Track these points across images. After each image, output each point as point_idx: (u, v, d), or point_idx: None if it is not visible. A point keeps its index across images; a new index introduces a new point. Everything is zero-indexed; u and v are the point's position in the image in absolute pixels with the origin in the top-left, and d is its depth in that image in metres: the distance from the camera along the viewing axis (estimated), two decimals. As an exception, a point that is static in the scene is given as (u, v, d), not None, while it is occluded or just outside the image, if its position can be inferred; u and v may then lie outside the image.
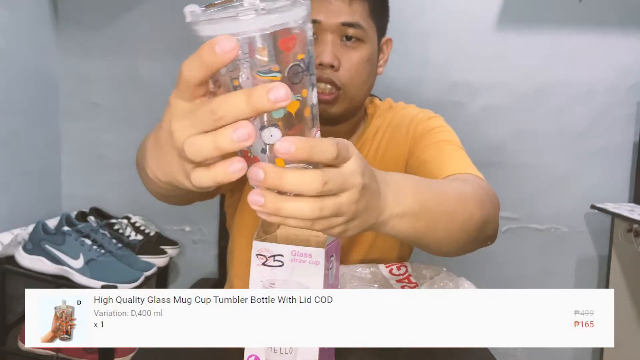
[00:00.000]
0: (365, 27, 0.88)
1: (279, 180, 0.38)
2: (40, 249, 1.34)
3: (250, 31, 0.35)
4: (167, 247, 1.63)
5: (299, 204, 0.40)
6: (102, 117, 1.72)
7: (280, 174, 0.39)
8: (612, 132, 1.77)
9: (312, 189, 0.39)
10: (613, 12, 1.72)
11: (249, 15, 0.34)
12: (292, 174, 0.39)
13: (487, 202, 0.70)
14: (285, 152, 0.37)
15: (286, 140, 0.37)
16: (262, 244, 0.58)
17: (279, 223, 0.42)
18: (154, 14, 1.69)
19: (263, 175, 0.38)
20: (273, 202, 0.39)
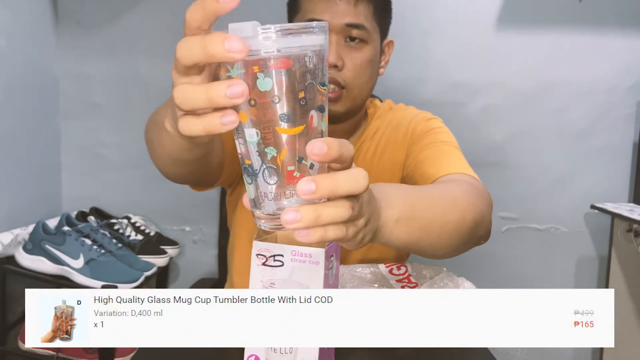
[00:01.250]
0: (369, 28, 0.89)
1: (335, 186, 0.38)
2: (40, 249, 1.35)
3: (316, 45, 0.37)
4: (167, 247, 1.63)
5: (336, 207, 0.39)
6: (102, 117, 1.72)
7: (335, 179, 0.38)
8: (612, 132, 1.77)
9: (364, 184, 0.40)
10: (613, 12, 1.72)
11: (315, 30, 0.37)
12: (342, 175, 0.39)
13: (479, 203, 0.70)
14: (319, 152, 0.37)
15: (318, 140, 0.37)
16: (262, 244, 0.58)
17: (318, 240, 0.40)
18: (154, 14, 1.69)
19: (315, 185, 0.37)
20: (311, 212, 0.38)
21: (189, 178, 0.75)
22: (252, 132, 0.38)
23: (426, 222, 0.58)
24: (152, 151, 0.65)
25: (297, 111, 0.37)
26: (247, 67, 0.36)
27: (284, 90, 0.36)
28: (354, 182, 0.39)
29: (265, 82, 0.36)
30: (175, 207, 1.76)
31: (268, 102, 0.36)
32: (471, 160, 0.98)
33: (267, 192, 0.39)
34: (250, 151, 0.39)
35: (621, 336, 1.66)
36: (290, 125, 0.37)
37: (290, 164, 0.38)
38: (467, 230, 0.66)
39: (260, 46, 0.36)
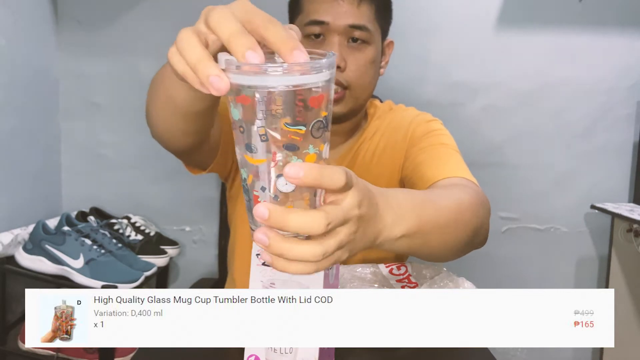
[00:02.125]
0: (371, 29, 0.89)
1: (284, 220, 0.38)
2: (40, 249, 1.35)
3: (273, 86, 0.37)
4: (167, 247, 1.63)
5: (304, 247, 0.40)
6: (102, 117, 1.72)
7: (285, 213, 0.38)
8: (612, 132, 1.77)
9: (317, 230, 0.39)
10: (613, 12, 1.72)
11: (277, 72, 0.37)
12: (297, 214, 0.39)
13: (481, 210, 0.71)
14: (294, 176, 0.37)
15: (296, 165, 0.38)
16: (262, 244, 0.58)
17: (282, 271, 0.41)
18: (154, 14, 1.69)
19: (268, 214, 0.38)
20: (277, 243, 0.39)
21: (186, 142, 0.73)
22: (237, 151, 0.41)
23: (429, 236, 0.58)
24: (156, 105, 0.66)
25: (258, 145, 0.39)
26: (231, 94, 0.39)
27: (245, 123, 0.39)
28: (306, 221, 0.39)
29: (234, 112, 0.39)
30: (175, 207, 1.76)
31: (237, 130, 0.40)
32: (471, 160, 0.98)
33: (247, 208, 0.42)
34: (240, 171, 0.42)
35: (621, 336, 1.66)
36: (252, 155, 0.39)
37: (255, 190, 0.40)
38: (466, 239, 0.67)
39: (236, 79, 0.38)
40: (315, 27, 0.88)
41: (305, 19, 0.89)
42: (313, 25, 0.88)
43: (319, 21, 0.87)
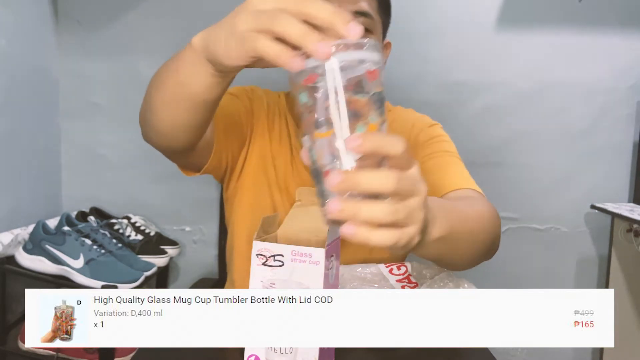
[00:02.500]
0: (375, 19, 0.90)
1: (355, 179, 0.40)
2: (40, 249, 1.35)
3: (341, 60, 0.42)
4: (167, 247, 1.63)
5: (376, 206, 0.41)
6: (102, 117, 1.72)
7: (356, 173, 0.40)
8: (612, 132, 1.77)
9: (387, 185, 0.41)
10: (613, 13, 1.72)
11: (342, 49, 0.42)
12: (367, 172, 0.41)
13: (497, 222, 0.76)
14: (355, 144, 0.40)
15: (355, 135, 0.40)
16: (262, 244, 0.58)
17: (360, 241, 0.41)
18: (154, 14, 1.69)
19: (339, 178, 0.40)
20: (351, 206, 0.40)
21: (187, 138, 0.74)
22: (305, 138, 0.45)
23: (459, 241, 0.61)
24: (163, 99, 0.66)
25: (326, 118, 0.42)
26: (294, 86, 0.44)
27: (314, 101, 0.43)
28: (377, 180, 0.41)
29: (302, 96, 0.43)
30: (175, 207, 1.76)
31: (307, 112, 0.43)
32: (471, 160, 0.98)
33: (319, 191, 0.45)
34: (309, 157, 0.45)
35: (621, 336, 1.66)
36: (321, 130, 0.42)
37: (325, 164, 0.43)
38: (486, 248, 0.71)
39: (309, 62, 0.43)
40: None
41: None
42: None
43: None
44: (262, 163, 0.98)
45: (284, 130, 1.00)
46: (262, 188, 0.98)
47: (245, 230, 0.99)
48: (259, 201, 0.98)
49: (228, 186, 1.02)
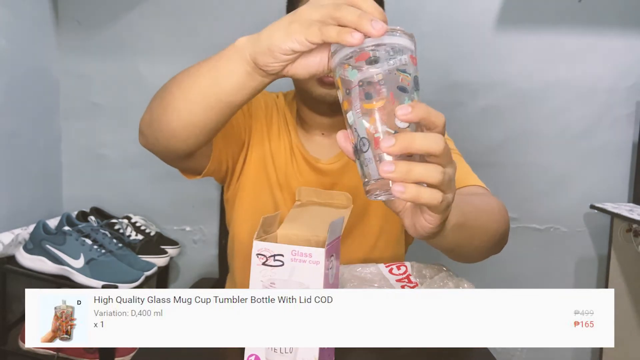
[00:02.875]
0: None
1: (410, 140, 0.44)
2: (40, 249, 1.35)
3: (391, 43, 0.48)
4: (167, 247, 1.63)
5: (427, 166, 0.45)
6: (103, 117, 1.72)
7: (410, 135, 0.44)
8: (611, 132, 1.77)
9: (438, 146, 0.45)
10: (612, 12, 1.72)
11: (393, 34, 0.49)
12: (420, 134, 0.45)
13: (506, 215, 0.78)
14: (405, 112, 0.44)
15: (404, 105, 0.45)
16: (262, 244, 0.59)
17: (412, 198, 0.45)
18: (154, 14, 1.69)
19: (394, 140, 0.44)
20: (404, 166, 0.44)
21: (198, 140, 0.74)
22: (350, 114, 0.49)
23: (472, 230, 0.63)
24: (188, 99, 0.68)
25: (377, 89, 0.47)
26: (343, 67, 0.49)
27: (366, 75, 0.47)
28: (429, 140, 0.45)
29: (352, 72, 0.48)
30: (176, 207, 1.76)
31: (356, 87, 0.48)
32: (471, 160, 0.98)
33: (365, 160, 0.48)
34: (352, 132, 0.49)
35: (621, 336, 1.66)
36: (372, 101, 0.47)
37: (377, 132, 0.47)
38: (498, 239, 0.74)
39: (351, 49, 0.49)
40: None
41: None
42: None
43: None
44: (262, 162, 0.99)
45: (283, 128, 1.00)
46: (263, 187, 0.98)
47: (246, 229, 1.00)
48: (259, 200, 0.98)
49: (229, 187, 1.02)
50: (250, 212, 0.99)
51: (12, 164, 1.46)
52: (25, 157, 1.53)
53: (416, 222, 0.53)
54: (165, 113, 0.71)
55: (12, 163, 1.46)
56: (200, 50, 1.74)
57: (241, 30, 0.56)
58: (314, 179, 0.98)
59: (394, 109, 0.46)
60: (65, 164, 1.74)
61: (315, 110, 0.97)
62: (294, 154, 0.99)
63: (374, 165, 0.47)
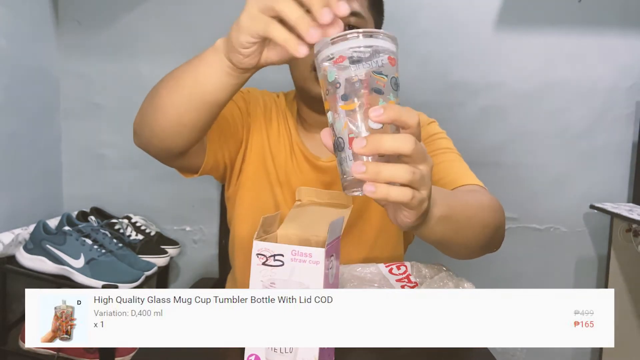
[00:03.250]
0: (365, 17, 0.92)
1: (380, 141, 0.46)
2: (41, 249, 1.35)
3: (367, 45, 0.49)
4: (167, 247, 1.63)
5: (396, 167, 0.46)
6: (103, 117, 1.72)
7: (380, 137, 0.46)
8: (611, 132, 1.77)
9: (407, 146, 0.46)
10: (612, 13, 1.72)
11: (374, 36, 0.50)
12: (389, 135, 0.46)
13: (499, 212, 0.78)
14: (377, 114, 0.46)
15: (378, 107, 0.46)
16: (263, 244, 0.59)
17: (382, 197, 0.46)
18: (154, 14, 1.69)
19: (365, 142, 0.46)
20: (374, 167, 0.46)
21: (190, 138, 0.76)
22: (329, 114, 0.51)
23: (460, 223, 0.64)
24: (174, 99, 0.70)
25: (352, 91, 0.48)
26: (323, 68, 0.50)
27: (342, 77, 0.49)
28: (398, 142, 0.46)
29: (330, 74, 0.49)
30: (176, 207, 1.76)
31: (334, 88, 0.49)
32: (471, 160, 0.98)
33: (341, 160, 0.50)
34: (332, 130, 0.51)
35: (621, 336, 1.66)
36: (348, 102, 0.48)
37: (351, 132, 0.48)
38: (489, 235, 0.73)
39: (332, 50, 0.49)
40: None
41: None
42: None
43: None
44: (262, 160, 0.99)
45: (283, 126, 1.01)
46: (263, 185, 0.99)
47: (246, 228, 1.00)
48: (260, 198, 0.99)
49: (229, 185, 1.03)
50: (251, 210, 0.99)
51: (12, 164, 1.46)
52: (25, 157, 1.53)
53: (397, 215, 0.54)
54: (154, 113, 0.73)
55: (12, 163, 1.46)
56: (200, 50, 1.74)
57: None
58: (314, 176, 0.98)
59: (366, 111, 0.47)
60: (65, 164, 1.74)
61: (315, 108, 0.97)
62: (294, 151, 0.99)
63: (349, 163, 0.49)
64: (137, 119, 0.79)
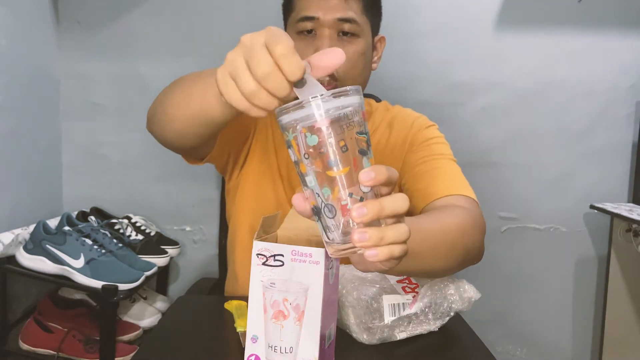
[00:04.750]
0: (360, 22, 0.93)
1: (380, 206, 0.44)
2: (41, 249, 1.35)
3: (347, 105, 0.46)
4: (167, 247, 1.63)
5: (396, 229, 0.45)
6: (103, 117, 1.72)
7: (379, 201, 0.44)
8: (611, 132, 1.78)
9: (404, 206, 0.45)
10: (612, 13, 1.72)
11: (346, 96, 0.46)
12: (387, 198, 0.44)
13: (470, 231, 0.76)
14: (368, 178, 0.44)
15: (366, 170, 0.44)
16: (263, 244, 0.59)
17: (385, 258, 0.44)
18: (154, 14, 1.69)
19: (366, 209, 0.43)
20: (377, 233, 0.44)
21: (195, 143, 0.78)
22: (310, 178, 0.46)
23: (419, 256, 0.63)
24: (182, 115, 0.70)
25: (341, 157, 0.45)
26: (299, 131, 0.46)
27: (327, 142, 0.45)
28: (396, 204, 0.44)
29: (310, 139, 0.45)
30: (176, 207, 1.76)
31: (317, 153, 0.45)
32: (471, 160, 0.98)
33: (330, 226, 0.47)
34: (313, 194, 0.47)
35: (621, 336, 1.66)
36: (336, 168, 0.45)
37: (343, 199, 0.45)
38: (457, 257, 0.73)
39: (307, 112, 0.45)
40: (307, 23, 0.92)
41: (297, 16, 0.93)
42: (305, 21, 0.92)
43: (310, 17, 0.91)
44: (265, 154, 1.00)
45: None
46: (265, 178, 1.00)
47: (247, 221, 1.00)
48: (261, 191, 1.00)
49: (231, 177, 1.03)
50: (253, 202, 1.00)
51: (12, 164, 1.46)
52: (25, 157, 1.53)
53: (367, 262, 0.51)
54: (164, 116, 0.75)
55: (12, 163, 1.47)
56: (200, 51, 1.75)
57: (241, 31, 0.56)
58: None
59: (356, 175, 0.45)
60: (65, 164, 1.74)
61: None
62: None
63: (338, 232, 0.46)
64: (150, 112, 0.82)
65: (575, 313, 1.84)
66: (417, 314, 0.75)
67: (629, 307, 1.67)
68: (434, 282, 0.79)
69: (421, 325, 0.76)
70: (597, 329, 1.83)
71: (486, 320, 1.77)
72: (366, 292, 0.76)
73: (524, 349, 1.85)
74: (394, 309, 0.75)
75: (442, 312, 0.77)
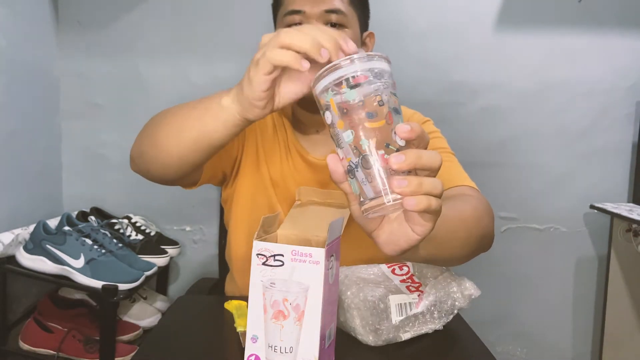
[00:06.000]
0: (346, 13, 0.93)
1: (418, 156, 0.47)
2: (41, 249, 1.35)
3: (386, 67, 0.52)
4: (167, 247, 1.63)
5: (433, 180, 0.47)
6: (103, 117, 1.72)
7: (416, 151, 0.47)
8: (611, 132, 1.78)
9: (439, 161, 0.48)
10: (612, 13, 1.72)
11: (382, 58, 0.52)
12: (423, 151, 0.48)
13: (485, 219, 0.79)
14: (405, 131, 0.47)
15: (404, 124, 0.48)
16: (263, 244, 0.59)
17: (424, 209, 0.46)
18: (154, 14, 1.69)
19: (404, 157, 0.46)
20: (416, 180, 0.46)
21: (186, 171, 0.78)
22: (348, 133, 0.49)
23: (440, 241, 0.64)
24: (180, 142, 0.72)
25: (378, 110, 0.49)
26: (339, 88, 0.50)
27: (366, 95, 0.49)
28: (432, 156, 0.48)
29: (351, 93, 0.49)
30: (176, 207, 1.76)
31: (356, 106, 0.49)
32: (471, 160, 0.98)
33: (363, 179, 0.49)
34: (349, 150, 0.49)
35: (621, 336, 1.66)
36: (373, 120, 0.49)
37: (380, 149, 0.48)
38: (473, 243, 0.74)
39: (347, 69, 0.50)
40: (294, 17, 0.93)
41: (285, 10, 0.93)
42: (292, 14, 0.93)
43: (297, 10, 0.92)
44: (256, 163, 1.00)
45: (279, 127, 1.02)
46: (258, 187, 1.00)
47: (243, 230, 1.00)
48: (255, 200, 1.00)
49: (225, 188, 1.05)
50: (247, 211, 1.00)
51: (12, 164, 1.46)
52: (25, 157, 1.53)
53: (398, 237, 0.53)
54: (155, 150, 0.76)
55: (13, 163, 1.47)
56: (200, 51, 1.75)
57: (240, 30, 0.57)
58: (311, 175, 0.98)
59: (392, 128, 0.49)
60: (65, 164, 1.74)
61: (309, 109, 0.98)
62: (290, 151, 1.00)
63: (376, 182, 0.48)
64: (136, 150, 0.82)
65: (575, 313, 1.84)
66: (424, 312, 0.75)
67: (629, 307, 1.67)
68: (437, 280, 0.78)
69: (426, 324, 0.76)
70: (597, 329, 1.83)
71: (486, 320, 1.77)
72: (372, 293, 0.75)
73: (524, 349, 1.85)
74: (401, 309, 0.75)
75: (447, 310, 0.77)
